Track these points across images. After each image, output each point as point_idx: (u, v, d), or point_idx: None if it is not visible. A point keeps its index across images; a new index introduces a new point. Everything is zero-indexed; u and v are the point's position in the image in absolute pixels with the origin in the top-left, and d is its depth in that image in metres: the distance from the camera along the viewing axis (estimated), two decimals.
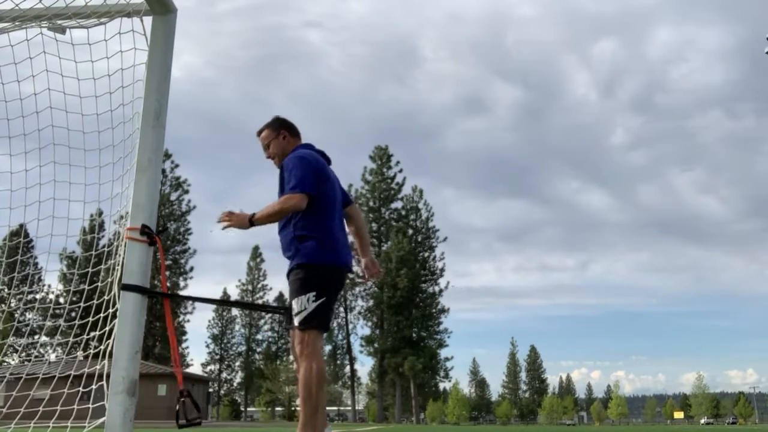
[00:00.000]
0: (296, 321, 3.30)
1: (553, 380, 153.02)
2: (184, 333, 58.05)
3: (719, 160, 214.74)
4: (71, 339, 4.18)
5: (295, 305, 3.32)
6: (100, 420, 2.87)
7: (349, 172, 58.81)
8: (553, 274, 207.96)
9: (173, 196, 53.98)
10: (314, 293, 3.31)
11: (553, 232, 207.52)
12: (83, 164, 3.53)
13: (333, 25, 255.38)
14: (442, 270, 59.29)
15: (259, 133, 3.76)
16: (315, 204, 3.43)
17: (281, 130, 3.72)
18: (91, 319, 3.50)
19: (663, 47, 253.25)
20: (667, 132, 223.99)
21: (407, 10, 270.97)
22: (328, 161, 3.74)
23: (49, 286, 44.30)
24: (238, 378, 76.47)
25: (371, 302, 57.75)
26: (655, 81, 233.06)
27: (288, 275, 3.47)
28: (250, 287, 74.61)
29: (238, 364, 76.39)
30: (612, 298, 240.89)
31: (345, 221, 3.75)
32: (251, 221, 3.39)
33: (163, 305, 3.15)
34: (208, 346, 75.74)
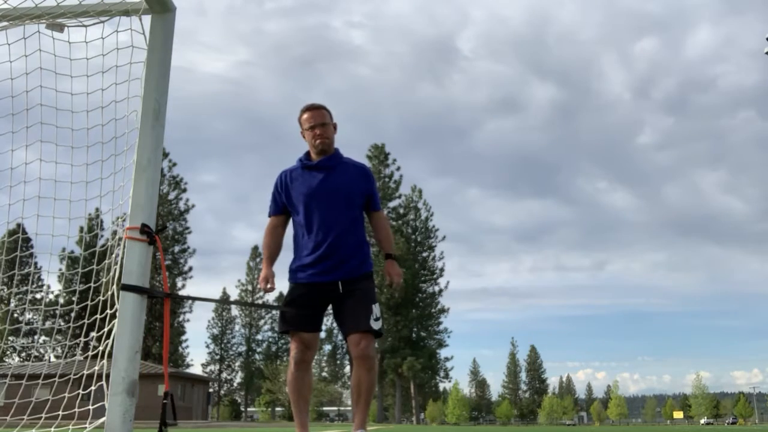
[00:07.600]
0: (376, 326, 3.44)
1: (553, 381, 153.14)
2: (184, 333, 58.01)
3: (745, 160, 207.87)
4: (68, 341, 4.17)
5: (376, 310, 3.48)
6: (100, 420, 2.85)
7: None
8: (569, 274, 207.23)
9: (171, 195, 53.93)
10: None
11: (572, 232, 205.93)
12: (83, 163, 3.51)
13: (374, 25, 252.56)
14: (442, 270, 59.30)
15: (320, 107, 3.62)
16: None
17: (334, 122, 3.68)
18: (87, 321, 3.48)
19: (703, 46, 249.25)
20: (698, 132, 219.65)
21: (449, 9, 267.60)
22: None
23: (48, 286, 44.32)
24: (238, 378, 76.51)
25: None
26: (692, 80, 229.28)
27: (354, 281, 3.51)
28: (249, 287, 74.55)
29: (238, 364, 76.44)
30: (625, 299, 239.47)
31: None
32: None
33: (163, 305, 3.13)
34: (208, 347, 75.82)
